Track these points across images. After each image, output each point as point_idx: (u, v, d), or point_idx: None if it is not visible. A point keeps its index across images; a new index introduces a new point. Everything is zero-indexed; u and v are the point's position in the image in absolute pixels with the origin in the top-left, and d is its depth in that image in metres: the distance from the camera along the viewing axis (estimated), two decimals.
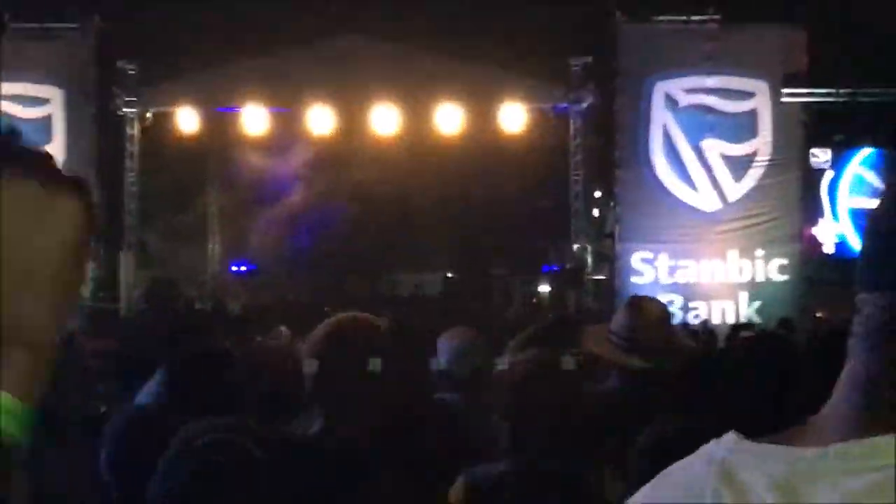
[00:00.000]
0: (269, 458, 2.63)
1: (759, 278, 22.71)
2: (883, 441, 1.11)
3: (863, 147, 23.81)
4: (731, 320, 21.80)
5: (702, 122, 23.09)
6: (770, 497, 1.11)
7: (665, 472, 1.27)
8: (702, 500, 1.16)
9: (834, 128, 23.19)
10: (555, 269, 27.65)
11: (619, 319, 5.45)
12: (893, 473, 1.06)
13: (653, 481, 1.28)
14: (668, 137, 23.17)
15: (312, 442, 3.24)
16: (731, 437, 1.21)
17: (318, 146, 25.59)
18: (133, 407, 4.04)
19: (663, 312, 5.56)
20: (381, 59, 23.91)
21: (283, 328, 13.09)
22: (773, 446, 1.17)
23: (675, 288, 22.85)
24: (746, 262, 22.78)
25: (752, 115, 23.11)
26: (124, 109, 25.34)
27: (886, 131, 23.05)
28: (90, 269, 23.85)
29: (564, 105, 24.89)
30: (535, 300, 28.83)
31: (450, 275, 29.05)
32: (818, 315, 21.00)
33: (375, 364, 3.36)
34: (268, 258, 29.31)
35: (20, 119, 23.84)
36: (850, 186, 24.37)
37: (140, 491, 3.23)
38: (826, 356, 2.22)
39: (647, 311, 5.42)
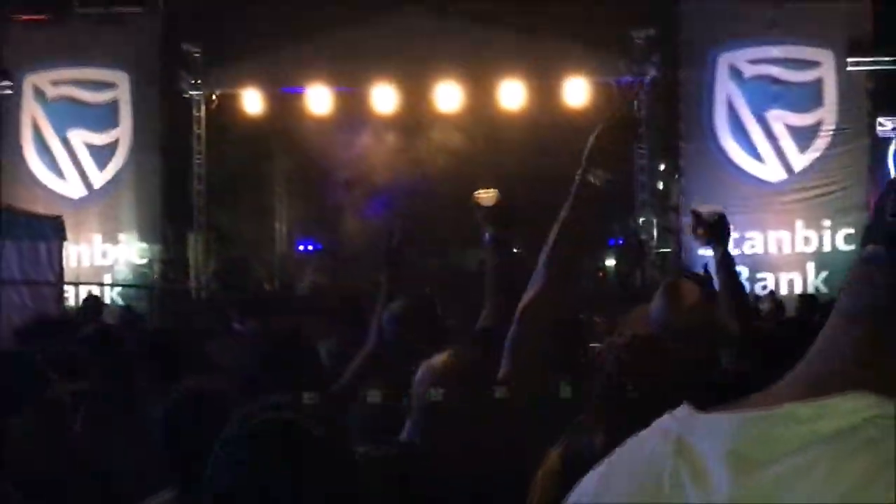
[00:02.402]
0: (327, 436, 2.68)
1: (827, 248, 22.55)
2: (831, 402, 1.08)
3: None
4: (798, 291, 21.68)
5: (766, 93, 22.94)
6: (723, 467, 1.08)
7: (620, 449, 1.24)
8: (660, 479, 1.13)
9: None
10: (620, 242, 27.57)
11: (655, 306, 5.25)
12: (838, 446, 1.03)
13: (608, 459, 1.25)
14: (732, 109, 23.06)
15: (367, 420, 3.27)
16: (684, 410, 1.19)
17: (382, 124, 25.63)
18: (188, 386, 4.08)
19: (699, 295, 5.25)
20: (444, 35, 23.86)
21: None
22: (725, 414, 1.15)
23: (741, 259, 22.70)
24: (813, 233, 22.64)
25: (818, 84, 22.93)
26: (190, 92, 25.54)
27: None
28: (160, 250, 24.17)
29: (628, 78, 24.77)
30: (601, 273, 28.75)
31: (516, 249, 28.97)
32: None
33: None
34: (334, 237, 29.41)
35: (87, 103, 24.16)
36: None
37: (200, 468, 3.33)
38: None
39: (683, 297, 5.19)
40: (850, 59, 22.70)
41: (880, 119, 22.99)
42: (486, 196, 4.86)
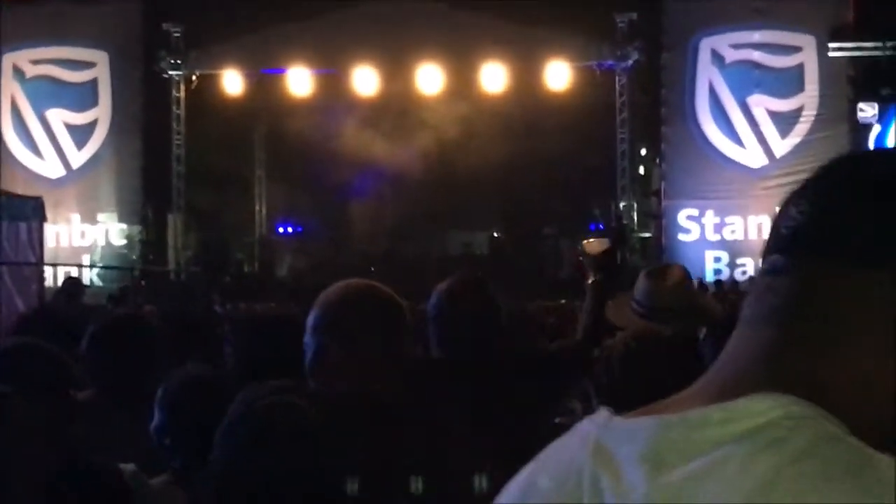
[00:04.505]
0: (325, 418, 2.69)
1: None
2: (740, 404, 1.11)
3: None
4: None
5: (748, 78, 23.01)
6: (638, 470, 1.12)
7: (543, 454, 1.27)
8: (579, 483, 1.17)
9: (881, 82, 22.95)
10: (601, 227, 27.60)
11: (638, 287, 5.36)
12: (746, 445, 1.07)
13: (530, 465, 1.28)
14: (714, 94, 23.11)
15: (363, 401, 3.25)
16: (603, 414, 1.21)
17: (363, 107, 25.60)
18: (188, 373, 4.10)
19: (683, 276, 5.40)
20: (426, 18, 23.88)
21: None
22: (643, 418, 1.18)
23: (721, 245, 22.85)
24: None
25: (799, 69, 22.99)
26: (170, 72, 25.48)
27: None
28: (139, 231, 24.12)
29: (610, 62, 24.78)
30: (581, 258, 28.69)
31: (496, 234, 29.00)
32: None
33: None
34: (314, 219, 29.41)
35: (66, 82, 24.06)
36: None
37: (197, 455, 3.31)
38: None
39: (666, 277, 5.31)
40: (831, 45, 22.75)
41: (861, 105, 23.05)
42: (595, 244, 4.99)
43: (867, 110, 23.02)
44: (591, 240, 5.26)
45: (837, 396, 1.12)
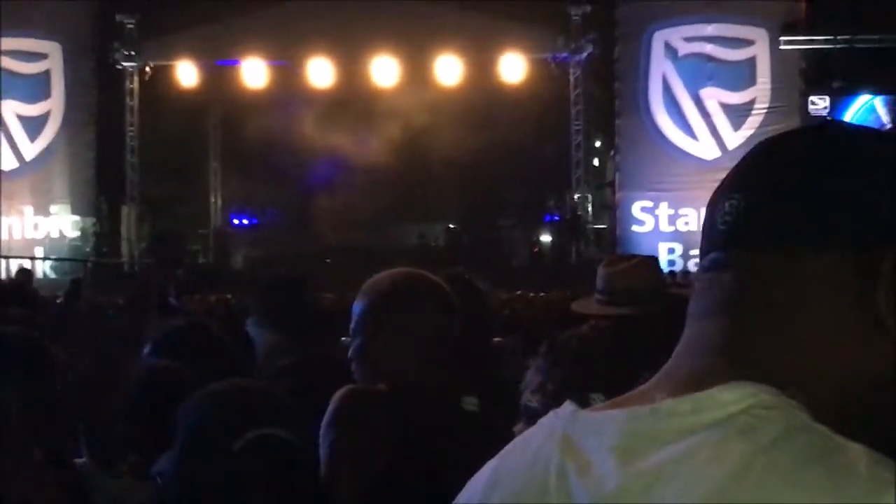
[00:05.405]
0: (307, 452, 2.60)
1: None
2: (708, 394, 1.13)
3: (861, 94, 23.78)
4: None
5: (701, 71, 23.13)
6: (609, 461, 1.13)
7: (508, 448, 1.28)
8: (546, 475, 1.18)
9: (832, 75, 23.13)
10: (556, 218, 27.65)
11: (598, 275, 5.38)
12: (718, 434, 1.08)
13: (497, 458, 1.29)
14: (667, 86, 23.21)
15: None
16: (568, 408, 1.22)
17: (318, 99, 25.55)
18: (154, 361, 4.07)
19: (642, 260, 5.38)
20: (381, 9, 23.82)
21: None
22: (610, 411, 1.20)
23: (675, 236, 22.95)
24: None
25: (751, 62, 23.14)
26: (123, 63, 25.35)
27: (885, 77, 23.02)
28: (92, 223, 23.97)
29: (564, 55, 24.84)
30: (537, 249, 28.78)
31: (452, 225, 28.93)
32: None
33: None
34: (269, 210, 29.33)
35: (18, 74, 23.88)
36: None
37: (156, 449, 3.29)
38: None
39: (624, 261, 5.31)
40: (783, 38, 22.91)
41: (812, 98, 23.22)
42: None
43: (819, 103, 23.19)
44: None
45: (791, 384, 1.13)
